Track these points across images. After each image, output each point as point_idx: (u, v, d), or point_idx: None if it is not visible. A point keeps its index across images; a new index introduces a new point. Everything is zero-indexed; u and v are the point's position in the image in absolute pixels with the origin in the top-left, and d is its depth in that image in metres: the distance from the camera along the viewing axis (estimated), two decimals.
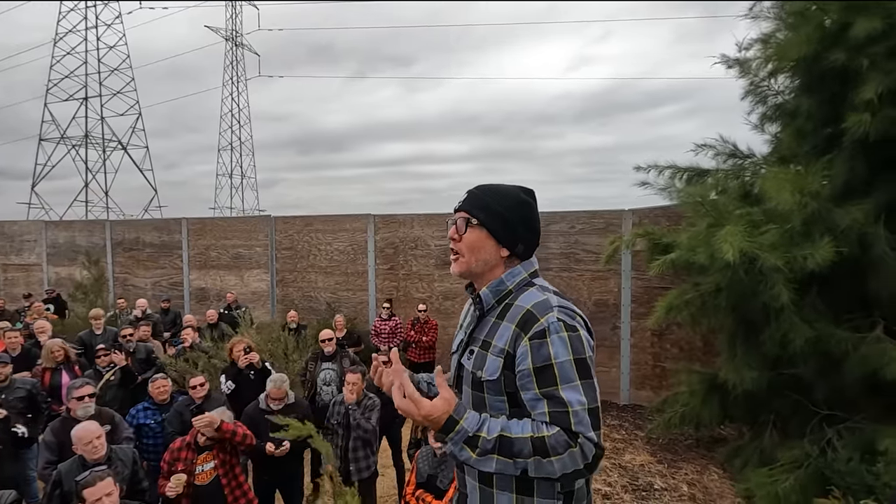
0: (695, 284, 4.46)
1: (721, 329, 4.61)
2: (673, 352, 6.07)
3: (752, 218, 3.88)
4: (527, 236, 1.30)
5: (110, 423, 3.49)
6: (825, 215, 3.57)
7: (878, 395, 3.50)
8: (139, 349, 5.16)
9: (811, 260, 3.37)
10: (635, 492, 4.39)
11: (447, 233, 1.35)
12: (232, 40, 42.32)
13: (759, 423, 4.34)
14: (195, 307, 9.25)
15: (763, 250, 3.50)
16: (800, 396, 3.99)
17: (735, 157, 5.17)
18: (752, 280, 3.66)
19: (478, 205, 1.29)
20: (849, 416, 3.67)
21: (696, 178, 5.31)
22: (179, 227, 9.61)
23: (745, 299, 3.91)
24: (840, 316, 3.73)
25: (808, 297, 3.77)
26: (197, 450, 3.14)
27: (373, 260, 8.18)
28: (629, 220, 6.57)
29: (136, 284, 9.94)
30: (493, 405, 1.22)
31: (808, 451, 3.58)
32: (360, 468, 3.70)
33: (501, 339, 1.21)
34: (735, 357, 4.25)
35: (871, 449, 3.28)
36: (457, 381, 1.35)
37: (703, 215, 4.33)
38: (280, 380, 3.73)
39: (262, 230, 9.00)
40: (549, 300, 1.20)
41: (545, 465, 1.07)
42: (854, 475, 3.19)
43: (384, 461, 4.50)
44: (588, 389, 1.12)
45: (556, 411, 1.11)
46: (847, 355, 3.50)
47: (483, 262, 1.29)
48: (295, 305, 8.41)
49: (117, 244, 10.14)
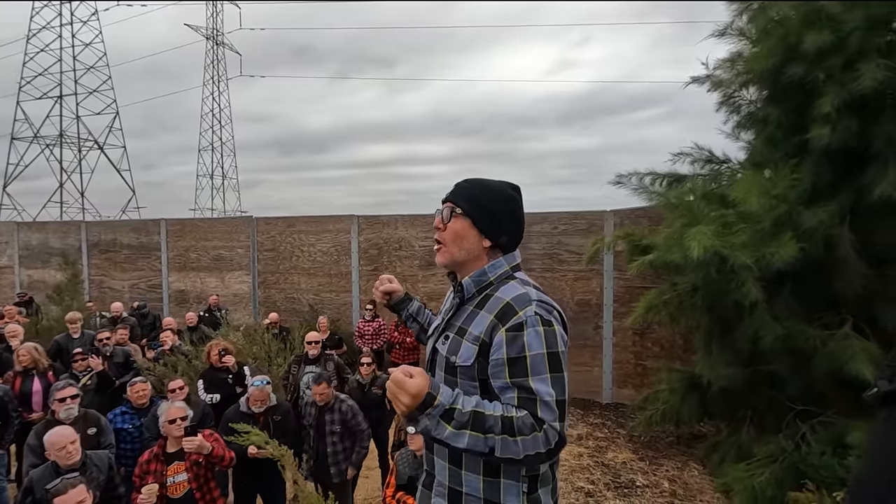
0: (672, 284, 4.56)
1: (698, 327, 4.70)
2: (654, 350, 6.17)
3: (725, 220, 3.98)
4: (510, 229, 1.34)
5: (96, 426, 3.44)
6: (795, 217, 3.68)
7: (847, 390, 3.60)
8: (116, 353, 5.05)
9: (777, 258, 3.48)
10: (618, 489, 4.45)
11: (434, 223, 1.38)
12: (213, 39, 41.71)
13: (736, 419, 4.44)
14: (174, 310, 9.09)
15: (733, 249, 3.61)
16: (775, 392, 4.10)
17: (711, 162, 5.31)
18: (723, 279, 3.77)
19: (464, 196, 1.33)
20: (821, 412, 3.78)
21: (675, 183, 5.44)
22: (158, 228, 9.43)
23: (718, 297, 4.01)
24: (812, 314, 3.85)
25: (780, 296, 3.89)
26: (166, 460, 3.04)
27: (356, 261, 8.14)
28: (611, 221, 6.65)
29: (112, 287, 9.72)
30: (465, 390, 1.24)
31: (784, 445, 3.67)
32: (341, 470, 3.70)
33: (478, 328, 1.24)
34: (711, 354, 4.35)
35: (842, 443, 3.38)
36: (430, 365, 1.38)
37: (678, 216, 4.43)
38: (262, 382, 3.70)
39: (243, 231, 8.88)
40: (528, 294, 1.23)
41: (511, 444, 1.10)
42: (827, 468, 3.29)
43: (369, 462, 4.48)
44: (556, 382, 1.16)
45: (524, 398, 1.15)
46: (816, 351, 3.61)
47: (466, 252, 1.32)
48: (277, 307, 8.32)
49: (93, 246, 9.90)
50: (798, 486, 3.21)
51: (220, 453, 3.08)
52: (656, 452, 5.13)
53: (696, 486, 4.46)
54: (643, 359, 6.30)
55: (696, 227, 3.85)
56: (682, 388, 4.70)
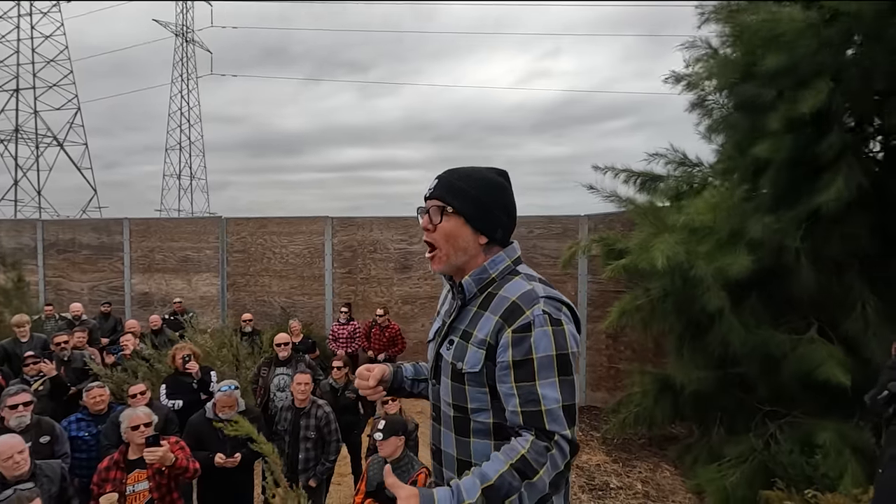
0: (646, 290, 4.64)
1: (670, 331, 4.79)
2: (626, 354, 6.25)
3: (693, 226, 4.08)
4: (504, 220, 1.24)
5: (49, 435, 3.24)
6: (751, 227, 3.82)
7: (813, 391, 3.72)
8: (75, 357, 4.78)
9: (732, 269, 3.63)
10: (592, 491, 4.46)
11: (420, 222, 1.27)
12: (182, 36, 40.65)
13: (707, 420, 4.52)
14: (137, 313, 8.70)
15: (696, 258, 3.73)
16: (744, 394, 4.20)
17: (684, 165, 5.45)
18: (688, 287, 3.89)
19: (451, 191, 1.21)
20: (788, 412, 3.88)
21: (649, 182, 5.56)
22: (121, 227, 9.04)
23: (687, 304, 4.12)
24: (778, 318, 3.96)
25: (747, 301, 4.00)
26: (126, 468, 2.86)
27: (330, 263, 7.98)
28: (585, 225, 6.74)
29: (70, 289, 9.26)
30: (474, 397, 1.17)
31: (754, 444, 3.76)
32: (309, 478, 3.59)
33: (483, 331, 1.16)
34: (682, 358, 4.44)
35: (809, 442, 3.47)
36: (434, 372, 1.29)
37: (648, 224, 4.54)
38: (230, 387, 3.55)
39: (212, 232, 8.60)
40: (535, 290, 1.15)
41: (536, 485, 1.02)
42: (795, 467, 3.38)
43: (342, 469, 4.37)
44: (565, 386, 1.09)
45: (528, 410, 1.07)
46: (785, 356, 3.72)
47: (462, 253, 1.22)
48: (247, 311, 8.08)
49: (50, 245, 9.41)
50: (768, 485, 3.28)
51: (184, 464, 2.92)
52: (629, 454, 5.18)
53: (668, 486, 4.51)
54: (616, 362, 6.38)
55: (661, 237, 3.96)
56: (654, 390, 4.76)
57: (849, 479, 3.07)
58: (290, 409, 3.68)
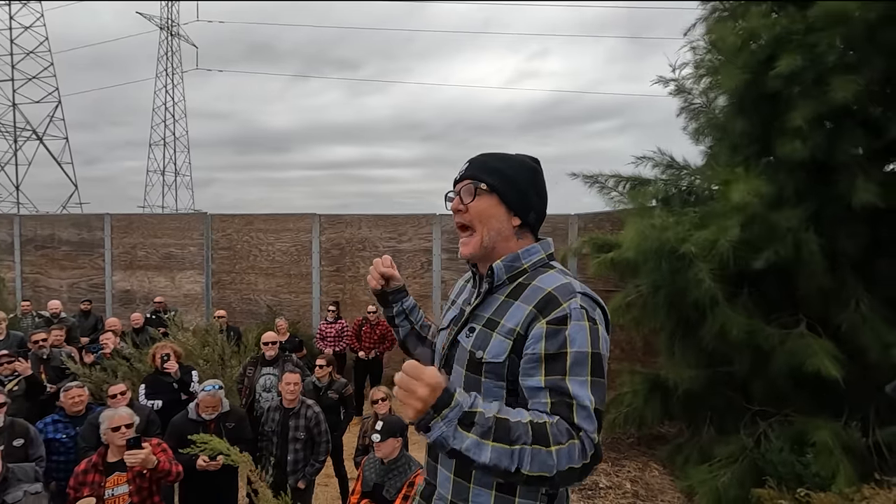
0: (636, 286, 4.63)
1: (662, 329, 4.78)
2: (615, 353, 6.24)
3: (690, 219, 4.07)
4: (538, 204, 1.20)
5: (24, 437, 3.14)
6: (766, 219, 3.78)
7: (804, 389, 3.73)
8: (54, 356, 4.63)
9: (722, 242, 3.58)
10: (581, 491, 4.44)
11: (448, 207, 1.21)
12: (167, 29, 39.90)
13: (697, 420, 4.53)
14: (119, 310, 8.50)
15: (679, 240, 3.70)
16: (734, 393, 4.20)
17: (672, 167, 5.45)
18: (678, 279, 3.86)
19: (485, 169, 1.17)
20: (779, 411, 3.89)
21: (638, 185, 5.55)
22: (101, 223, 8.81)
23: (678, 298, 4.09)
24: (769, 315, 3.97)
25: (738, 297, 4.00)
26: (105, 471, 2.75)
27: (317, 261, 7.87)
28: (575, 224, 6.73)
29: (49, 286, 9.01)
30: (489, 391, 1.08)
31: (745, 443, 3.76)
32: (298, 479, 3.52)
33: (512, 320, 1.08)
34: (674, 356, 4.43)
35: (800, 440, 3.49)
36: (446, 362, 1.20)
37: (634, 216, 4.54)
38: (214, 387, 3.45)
39: (196, 229, 8.43)
40: (571, 284, 1.09)
41: (544, 456, 0.91)
42: (786, 466, 3.38)
43: (327, 470, 4.29)
44: (597, 388, 1.01)
45: (558, 402, 0.98)
46: (775, 350, 3.72)
47: (496, 233, 1.16)
48: (233, 309, 7.94)
49: (28, 241, 9.15)
50: (760, 485, 3.28)
51: (166, 467, 2.81)
52: (618, 454, 5.18)
53: (657, 486, 4.51)
54: None
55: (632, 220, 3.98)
56: (644, 389, 4.76)
57: (842, 478, 3.08)
58: (278, 409, 3.60)
